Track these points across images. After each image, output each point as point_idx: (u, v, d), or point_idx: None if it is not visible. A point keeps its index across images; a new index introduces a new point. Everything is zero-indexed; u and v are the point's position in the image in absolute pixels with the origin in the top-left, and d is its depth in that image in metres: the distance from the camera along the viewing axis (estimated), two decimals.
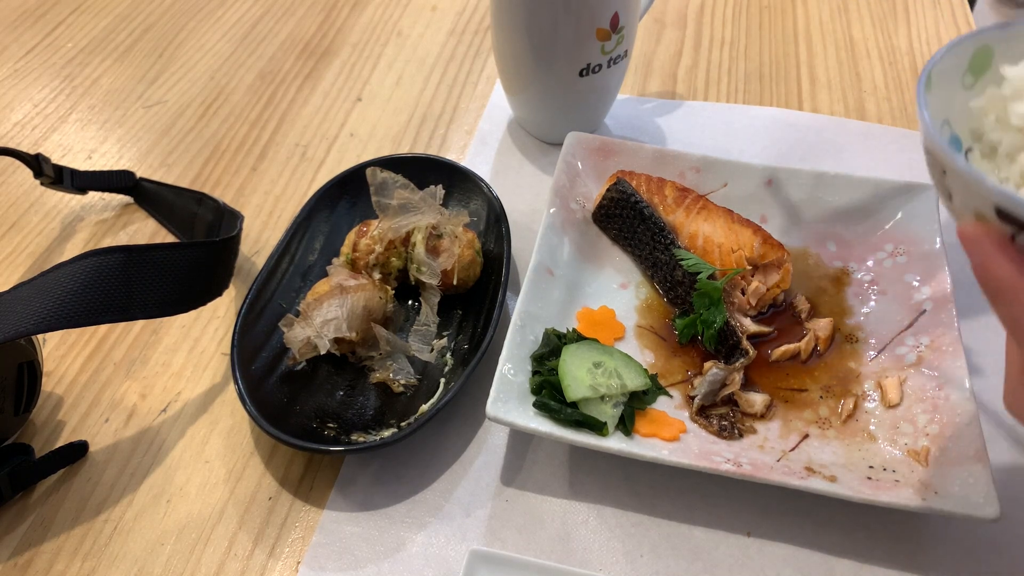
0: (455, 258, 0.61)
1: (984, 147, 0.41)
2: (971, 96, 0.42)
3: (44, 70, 0.89)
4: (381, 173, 0.63)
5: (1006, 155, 0.40)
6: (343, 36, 0.92)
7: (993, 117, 0.41)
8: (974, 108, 0.42)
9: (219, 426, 0.58)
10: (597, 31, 0.67)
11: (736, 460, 0.51)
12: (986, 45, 0.41)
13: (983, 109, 0.41)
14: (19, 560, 0.52)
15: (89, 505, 0.54)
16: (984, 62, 0.42)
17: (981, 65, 0.42)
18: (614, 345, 0.59)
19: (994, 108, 0.41)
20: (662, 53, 0.88)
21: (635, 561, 0.51)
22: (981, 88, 0.42)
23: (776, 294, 0.61)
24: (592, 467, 0.55)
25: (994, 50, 0.42)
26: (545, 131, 0.77)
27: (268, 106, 0.84)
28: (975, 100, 0.42)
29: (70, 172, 0.71)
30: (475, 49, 0.90)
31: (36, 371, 0.55)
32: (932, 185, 0.63)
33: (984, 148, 0.41)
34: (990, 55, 0.42)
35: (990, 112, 0.41)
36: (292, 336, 0.57)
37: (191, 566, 0.51)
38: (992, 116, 0.41)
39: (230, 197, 0.74)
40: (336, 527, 0.53)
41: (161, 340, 0.63)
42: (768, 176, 0.67)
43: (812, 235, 0.66)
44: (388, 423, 0.56)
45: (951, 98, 0.41)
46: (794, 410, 0.56)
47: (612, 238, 0.66)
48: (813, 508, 0.52)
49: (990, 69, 0.42)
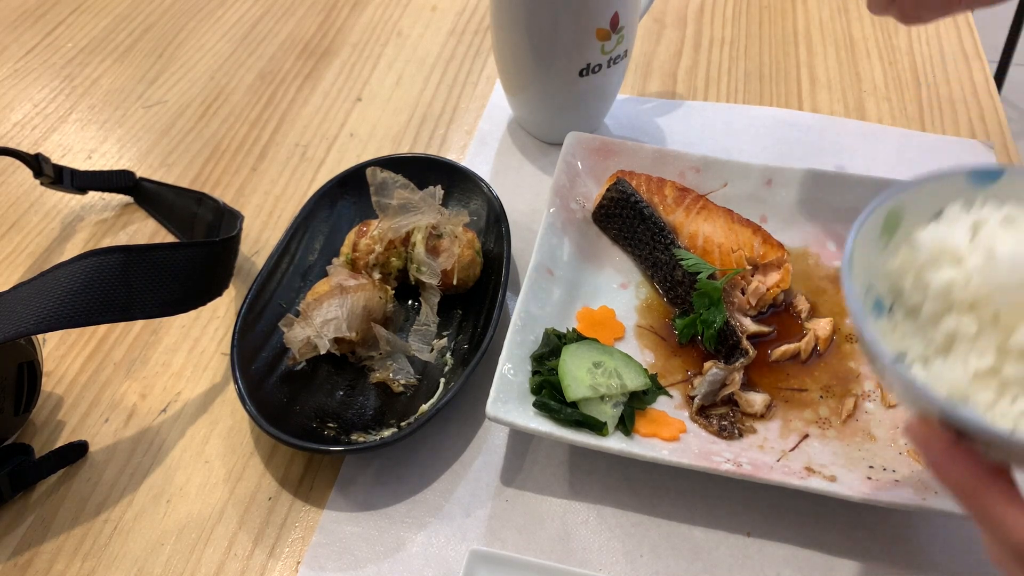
0: (455, 258, 0.61)
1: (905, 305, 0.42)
2: (887, 256, 0.43)
3: (44, 70, 0.89)
4: (381, 173, 0.63)
5: (929, 320, 0.40)
6: (343, 36, 0.92)
7: (911, 279, 0.41)
8: (891, 268, 0.43)
9: (219, 426, 0.58)
10: (597, 31, 0.67)
11: (736, 460, 0.51)
12: (897, 205, 0.42)
13: (900, 269, 0.42)
14: (19, 560, 0.52)
15: (89, 505, 0.54)
16: (895, 221, 0.43)
17: (892, 225, 0.43)
18: (614, 345, 0.59)
19: (910, 270, 0.42)
20: (662, 53, 0.88)
21: (635, 561, 0.51)
22: (895, 247, 0.43)
23: (776, 294, 0.61)
24: (592, 467, 0.55)
25: (903, 208, 0.43)
26: (545, 131, 0.77)
27: (268, 106, 0.84)
28: (891, 261, 0.43)
29: (70, 172, 0.71)
30: (475, 49, 0.90)
31: (36, 371, 0.55)
32: None
33: (905, 306, 0.42)
34: (900, 214, 0.43)
35: (907, 273, 0.42)
36: (292, 336, 0.57)
37: (191, 566, 0.51)
38: (910, 278, 0.41)
39: (230, 197, 0.74)
40: (336, 527, 0.53)
41: (161, 340, 0.63)
42: (768, 176, 0.67)
43: (812, 235, 0.66)
44: (388, 423, 0.56)
45: (871, 260, 0.42)
46: (794, 410, 0.56)
47: (612, 238, 0.66)
48: (813, 508, 0.52)
49: (900, 228, 0.43)
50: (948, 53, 0.87)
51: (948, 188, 0.43)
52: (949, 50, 0.87)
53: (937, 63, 0.86)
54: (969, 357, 0.38)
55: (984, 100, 0.82)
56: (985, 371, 0.38)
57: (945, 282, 0.39)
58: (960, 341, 0.39)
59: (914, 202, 0.43)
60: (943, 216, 0.42)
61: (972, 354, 0.38)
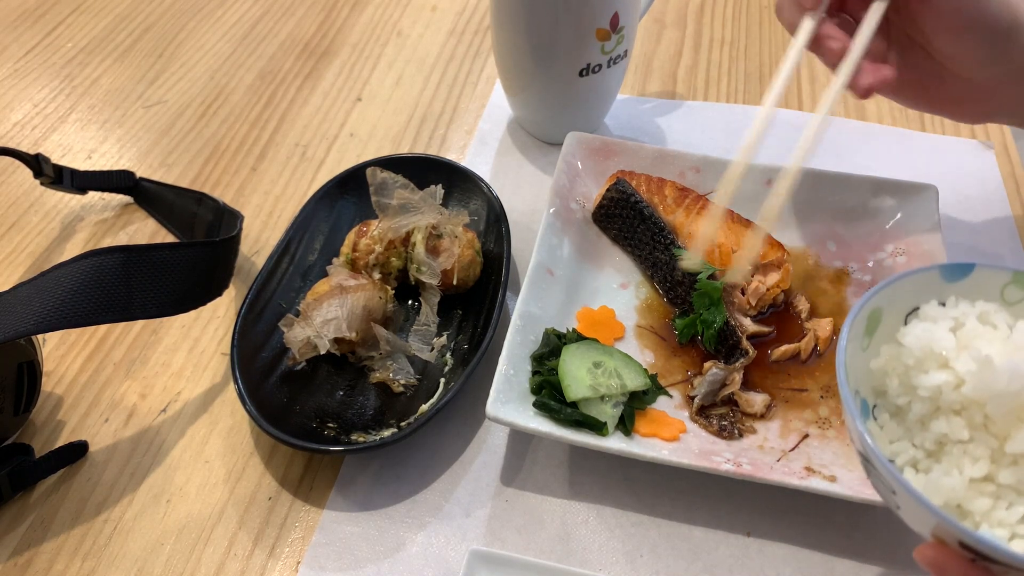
0: (455, 258, 0.61)
1: (889, 406, 0.43)
2: (868, 357, 0.43)
3: (44, 70, 0.89)
4: (381, 173, 0.63)
5: (917, 421, 0.41)
6: (343, 36, 0.92)
7: (896, 381, 0.42)
8: (874, 368, 0.43)
9: (219, 426, 0.58)
10: (597, 31, 0.67)
11: (736, 460, 0.51)
12: (876, 307, 0.43)
13: (883, 370, 0.43)
14: (19, 560, 0.52)
15: (89, 505, 0.54)
16: (875, 322, 0.43)
17: (873, 325, 0.43)
18: (614, 345, 0.59)
19: (894, 371, 0.42)
20: (662, 53, 0.88)
21: (635, 561, 0.51)
22: (876, 348, 0.43)
23: (776, 294, 0.61)
24: (592, 467, 0.55)
25: (882, 309, 0.43)
26: (545, 131, 0.77)
27: (268, 106, 0.84)
28: (873, 361, 0.43)
29: (70, 172, 0.71)
30: (475, 49, 0.90)
31: (36, 371, 0.55)
32: (932, 185, 0.63)
33: (889, 407, 0.43)
34: (880, 314, 0.43)
35: (891, 374, 0.42)
36: (292, 336, 0.57)
37: (191, 566, 0.51)
38: (895, 380, 0.42)
39: (230, 197, 0.74)
40: (336, 527, 0.53)
41: (161, 340, 0.63)
42: (768, 176, 0.67)
43: (812, 235, 0.66)
44: (388, 423, 0.56)
45: (854, 362, 0.42)
46: (794, 410, 0.56)
47: (612, 238, 0.66)
48: (813, 508, 0.52)
49: (880, 327, 0.44)
50: None
51: (922, 285, 0.44)
52: None
53: None
54: (963, 463, 0.38)
55: None
56: (980, 478, 0.38)
57: (936, 385, 0.39)
58: (951, 445, 0.39)
59: (892, 300, 0.43)
60: (920, 314, 0.43)
61: (966, 460, 0.38)
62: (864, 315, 0.43)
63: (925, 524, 0.37)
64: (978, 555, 0.35)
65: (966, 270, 0.44)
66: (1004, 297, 0.44)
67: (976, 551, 0.35)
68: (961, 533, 0.35)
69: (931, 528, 0.37)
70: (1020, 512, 0.37)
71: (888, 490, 0.38)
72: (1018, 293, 0.43)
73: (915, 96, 0.57)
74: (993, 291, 0.44)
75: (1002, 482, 0.38)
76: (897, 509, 0.39)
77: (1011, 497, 0.38)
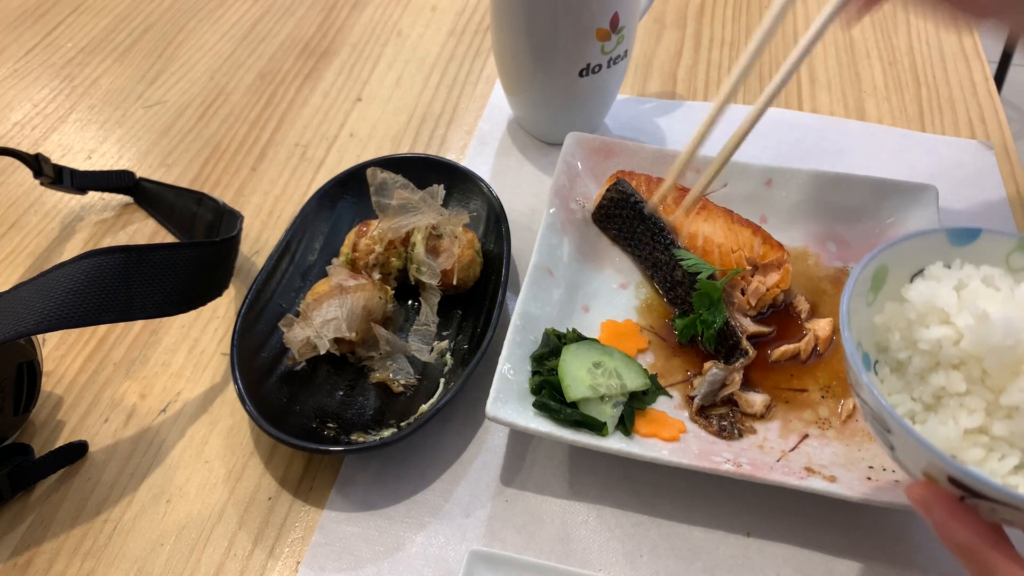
0: (455, 258, 0.61)
1: (890, 361, 0.44)
2: (872, 312, 0.44)
3: (44, 70, 0.89)
4: (381, 173, 0.63)
5: (917, 375, 0.42)
6: (343, 36, 0.92)
7: (898, 335, 0.43)
8: (877, 324, 0.44)
9: (219, 426, 0.58)
10: (597, 31, 0.67)
11: (736, 460, 0.51)
12: (883, 264, 0.44)
13: (885, 325, 0.44)
14: (19, 560, 0.52)
15: (89, 505, 0.54)
16: (881, 278, 0.44)
17: (879, 282, 0.44)
18: (637, 357, 0.59)
19: (897, 326, 0.43)
20: (662, 53, 0.88)
21: (635, 561, 0.51)
22: (880, 304, 0.44)
23: (776, 294, 0.61)
24: (592, 467, 0.55)
25: (888, 266, 0.44)
26: (545, 131, 0.77)
27: (268, 106, 0.84)
28: (877, 316, 0.44)
29: (70, 172, 0.71)
30: (475, 49, 0.90)
31: (36, 371, 0.55)
32: (932, 185, 0.63)
33: (890, 362, 0.44)
34: (886, 271, 0.44)
35: (893, 329, 0.43)
36: (292, 336, 0.57)
37: (191, 566, 0.51)
38: (897, 334, 0.43)
39: (230, 197, 0.74)
40: (336, 527, 0.53)
41: (161, 340, 0.63)
42: (768, 176, 0.67)
43: (812, 235, 0.66)
44: (388, 423, 0.56)
45: (858, 316, 0.43)
46: (794, 410, 0.56)
47: (612, 238, 0.66)
48: (813, 508, 0.52)
49: (886, 284, 0.45)
50: (948, 53, 0.87)
51: (929, 247, 0.45)
52: (949, 50, 0.87)
53: (937, 63, 0.86)
54: (959, 415, 0.39)
55: (984, 100, 0.82)
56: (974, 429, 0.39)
57: (936, 339, 0.41)
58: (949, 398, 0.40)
59: (898, 259, 0.44)
60: (926, 274, 0.44)
61: (961, 412, 0.39)
62: (870, 270, 0.43)
63: (917, 462, 0.38)
64: (967, 492, 0.36)
65: (973, 235, 0.45)
66: (1009, 263, 0.45)
67: (964, 485, 0.36)
68: (950, 467, 0.36)
69: (923, 467, 0.38)
70: (1012, 463, 0.38)
71: (884, 429, 0.39)
72: (1023, 260, 0.44)
73: None
74: (998, 257, 0.45)
75: (996, 434, 0.39)
76: (892, 450, 0.40)
77: (1004, 449, 0.39)
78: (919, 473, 0.39)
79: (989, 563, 0.36)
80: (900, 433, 0.38)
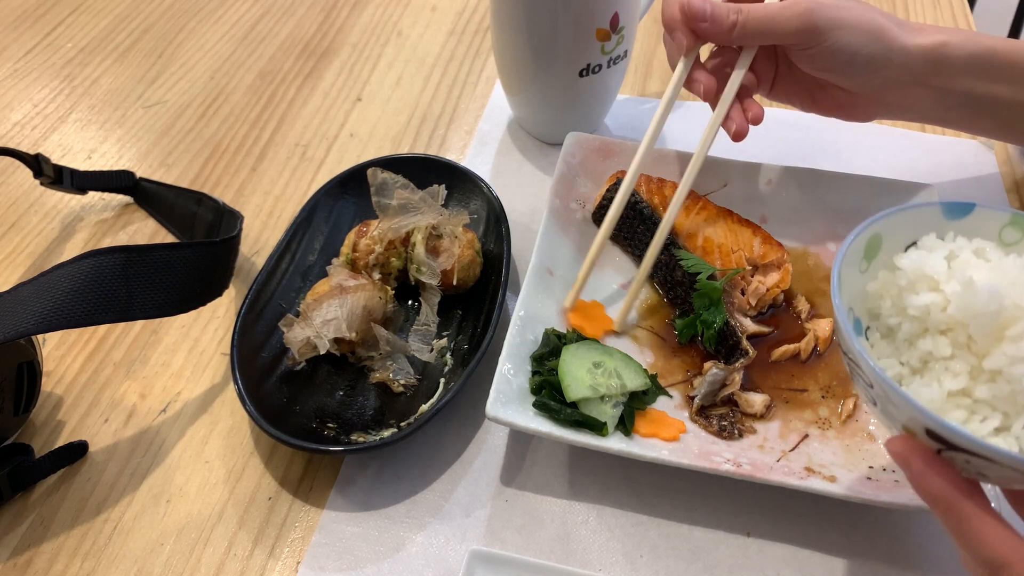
0: (455, 258, 0.61)
1: (881, 327, 0.45)
2: (866, 280, 0.45)
3: (44, 70, 0.89)
4: (381, 173, 0.63)
5: (906, 340, 0.43)
6: (343, 36, 0.92)
7: (889, 302, 0.44)
8: (870, 291, 0.45)
9: (219, 426, 0.58)
10: (597, 31, 0.67)
11: (736, 460, 0.51)
12: (876, 233, 0.45)
13: (878, 293, 0.45)
14: (19, 560, 0.52)
15: (89, 505, 0.54)
16: (875, 248, 0.45)
17: (872, 251, 0.45)
18: (604, 338, 0.59)
19: (888, 293, 0.44)
20: (662, 53, 0.88)
21: (635, 561, 0.51)
22: (873, 272, 0.45)
23: (776, 294, 0.61)
24: (592, 467, 0.55)
25: (882, 236, 0.45)
26: (545, 131, 0.77)
27: (268, 106, 0.84)
28: (870, 284, 0.45)
29: (70, 172, 0.71)
30: (475, 49, 0.90)
31: (36, 371, 0.55)
32: (932, 185, 0.63)
33: (881, 328, 0.45)
34: (880, 240, 0.45)
35: (885, 296, 0.44)
36: (292, 336, 0.57)
37: (191, 566, 0.51)
38: (888, 301, 0.44)
39: (230, 197, 0.74)
40: (336, 527, 0.53)
41: (161, 340, 0.63)
42: (768, 176, 0.67)
43: (812, 235, 0.66)
44: (388, 423, 0.56)
45: (851, 284, 0.44)
46: (794, 410, 0.56)
47: (612, 238, 0.66)
48: (813, 508, 0.52)
49: (879, 253, 0.46)
50: None
51: (924, 219, 0.46)
52: None
53: None
54: (943, 378, 0.41)
55: None
56: (957, 391, 0.40)
57: (924, 304, 0.42)
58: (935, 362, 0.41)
59: (893, 230, 0.45)
60: (919, 244, 0.45)
61: (946, 375, 0.41)
62: (864, 238, 0.44)
63: (898, 417, 0.39)
64: (943, 444, 0.37)
65: (967, 209, 0.46)
66: (1001, 238, 0.46)
67: (939, 437, 0.36)
68: (926, 418, 0.36)
69: (903, 421, 0.39)
70: (993, 425, 0.39)
71: (866, 384, 0.40)
72: (1015, 234, 0.45)
73: (804, 104, 0.62)
74: (991, 231, 0.46)
75: (978, 396, 0.40)
76: (874, 405, 0.41)
77: (985, 411, 0.40)
78: (900, 428, 0.40)
79: (962, 513, 0.36)
80: (882, 388, 0.39)
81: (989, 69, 0.56)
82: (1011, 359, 0.39)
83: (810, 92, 0.61)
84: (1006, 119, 0.60)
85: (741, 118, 0.58)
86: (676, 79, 0.59)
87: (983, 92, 0.57)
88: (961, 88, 0.57)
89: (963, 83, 0.57)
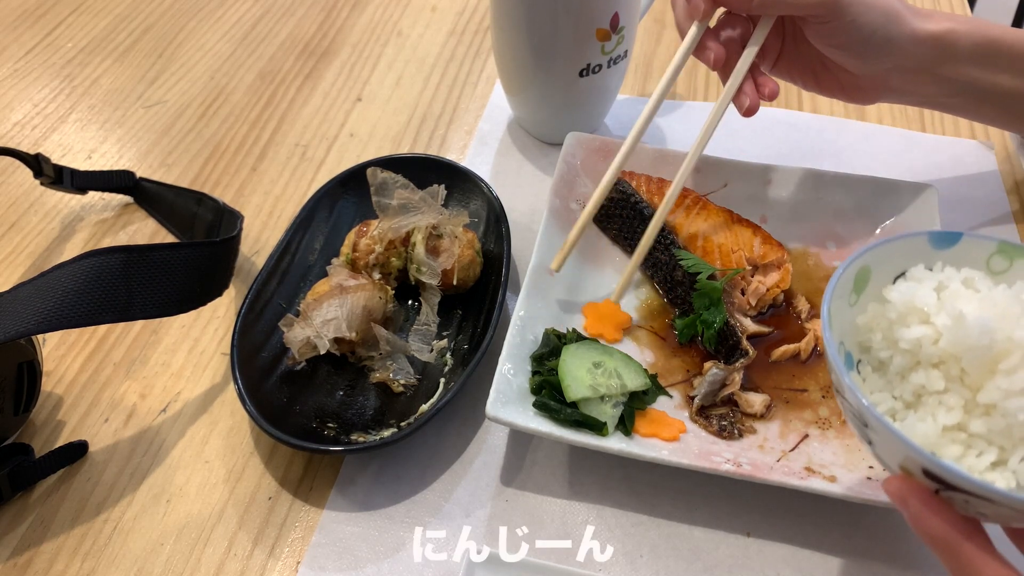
0: (455, 258, 0.61)
1: (872, 360, 0.45)
2: (856, 313, 0.45)
3: (44, 70, 0.89)
4: (381, 173, 0.63)
5: (898, 374, 0.43)
6: (343, 36, 0.92)
7: (880, 335, 0.44)
8: (860, 324, 0.45)
9: (219, 426, 0.58)
10: (597, 31, 0.67)
11: (736, 460, 0.51)
12: (865, 265, 0.45)
13: (868, 326, 0.44)
14: (19, 560, 0.52)
15: (89, 505, 0.54)
16: (864, 280, 0.45)
17: (861, 283, 0.45)
18: (622, 335, 0.59)
19: (878, 326, 0.44)
20: (662, 53, 0.88)
21: (635, 561, 0.51)
22: (863, 305, 0.45)
23: (776, 294, 0.61)
24: (592, 467, 0.55)
25: (871, 268, 0.45)
26: (545, 131, 0.77)
27: (268, 106, 0.84)
28: (860, 317, 0.45)
29: (70, 172, 0.71)
30: (475, 49, 0.90)
31: (36, 371, 0.55)
32: (932, 185, 0.63)
33: (872, 361, 0.45)
34: (868, 272, 0.45)
35: (875, 329, 0.44)
36: (292, 336, 0.57)
37: (191, 566, 0.51)
38: (879, 334, 0.44)
39: (230, 197, 0.74)
40: (336, 527, 0.53)
41: (161, 340, 0.63)
42: (768, 176, 0.67)
43: (812, 235, 0.66)
44: (388, 423, 0.56)
45: (841, 317, 0.44)
46: (794, 410, 0.56)
47: (612, 238, 0.66)
48: (813, 508, 0.52)
49: (868, 286, 0.45)
50: None
51: (911, 249, 0.45)
52: None
53: None
54: (937, 412, 0.40)
55: None
56: (952, 426, 0.40)
57: (915, 338, 0.41)
58: (928, 396, 0.41)
59: (881, 261, 0.45)
60: (907, 275, 0.45)
61: (940, 409, 0.40)
62: (852, 272, 0.44)
63: (894, 456, 0.39)
64: (941, 484, 0.36)
65: (954, 238, 0.46)
66: (990, 267, 0.45)
67: (936, 477, 0.36)
68: (922, 458, 0.36)
69: (899, 460, 0.38)
70: (989, 459, 0.39)
71: (861, 423, 0.40)
72: (1003, 263, 0.45)
73: (806, 83, 0.62)
74: (979, 260, 0.45)
75: (973, 431, 0.39)
76: (870, 444, 0.41)
77: (981, 446, 0.39)
78: (896, 467, 0.40)
79: (963, 555, 0.36)
80: (877, 427, 0.38)
81: (994, 58, 0.56)
82: (1005, 393, 0.38)
83: (814, 71, 0.60)
84: (1008, 107, 0.60)
85: (754, 93, 0.57)
86: (688, 43, 0.57)
87: (987, 80, 0.57)
88: (965, 76, 0.57)
89: (967, 71, 0.57)
